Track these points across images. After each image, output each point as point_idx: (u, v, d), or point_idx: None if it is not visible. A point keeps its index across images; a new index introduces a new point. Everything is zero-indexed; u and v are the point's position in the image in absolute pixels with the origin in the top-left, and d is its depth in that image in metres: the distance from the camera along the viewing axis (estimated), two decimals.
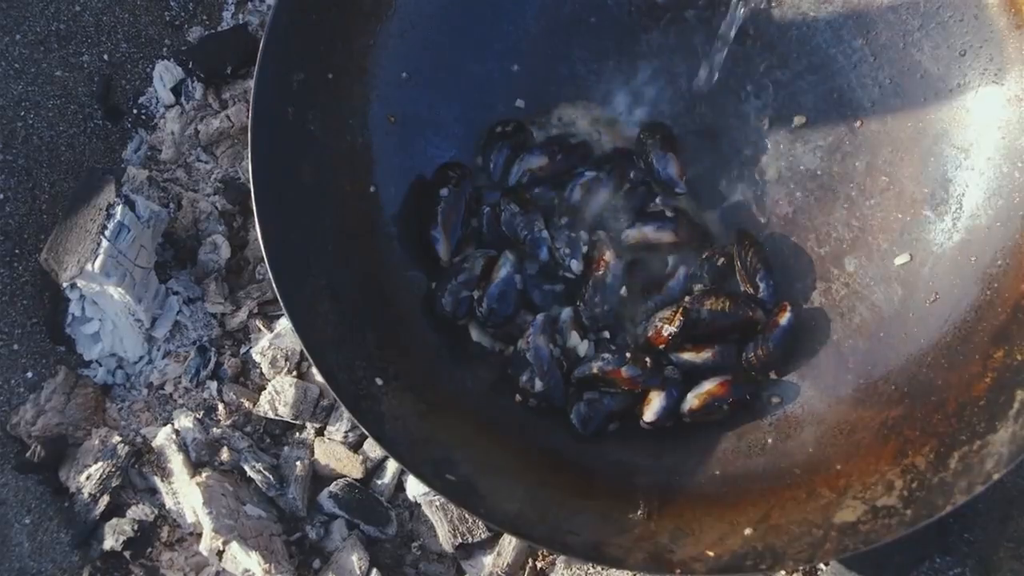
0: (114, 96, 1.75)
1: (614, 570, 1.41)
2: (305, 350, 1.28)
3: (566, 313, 1.46)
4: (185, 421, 1.52)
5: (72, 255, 1.52)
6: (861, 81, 1.49)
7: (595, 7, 1.56)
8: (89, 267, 1.49)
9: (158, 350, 1.60)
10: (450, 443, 1.33)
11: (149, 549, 1.48)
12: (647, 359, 1.41)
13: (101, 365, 1.60)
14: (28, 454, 1.51)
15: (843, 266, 1.47)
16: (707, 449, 1.40)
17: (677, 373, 1.44)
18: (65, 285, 1.52)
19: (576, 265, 1.46)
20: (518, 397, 1.43)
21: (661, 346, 1.43)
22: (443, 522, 1.45)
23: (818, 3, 1.49)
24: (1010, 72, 1.38)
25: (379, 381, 1.33)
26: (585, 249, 1.47)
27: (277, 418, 1.53)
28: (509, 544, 1.45)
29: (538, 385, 1.42)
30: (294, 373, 1.55)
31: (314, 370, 1.52)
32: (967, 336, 1.32)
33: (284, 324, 1.58)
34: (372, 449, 1.51)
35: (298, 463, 1.50)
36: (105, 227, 1.52)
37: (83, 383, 1.57)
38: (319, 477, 1.52)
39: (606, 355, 1.42)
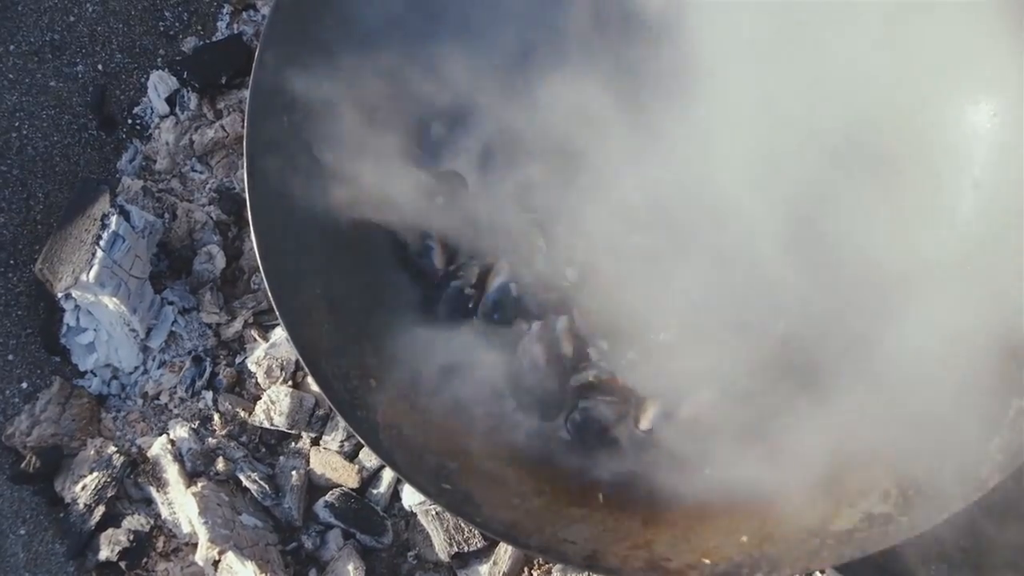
0: (109, 106, 1.75)
1: None
2: (300, 360, 1.27)
3: (562, 321, 1.46)
4: (180, 431, 1.52)
5: (67, 265, 1.51)
6: (851, 91, 1.48)
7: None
8: (84, 277, 1.49)
9: (153, 360, 1.60)
10: (446, 452, 1.33)
11: (144, 559, 1.48)
12: (643, 366, 1.41)
13: (96, 375, 1.59)
14: (23, 465, 1.51)
15: (839, 276, 1.47)
16: (703, 457, 1.40)
17: (674, 380, 1.44)
18: (60, 295, 1.52)
19: (572, 273, 1.46)
20: (514, 405, 1.43)
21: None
22: (439, 531, 1.45)
23: (807, 11, 1.49)
24: (1004, 81, 1.38)
25: (375, 390, 1.33)
26: (582, 257, 1.47)
27: (273, 428, 1.53)
28: (505, 553, 1.45)
29: (534, 393, 1.42)
30: (290, 383, 1.55)
31: (310, 380, 1.52)
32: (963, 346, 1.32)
33: (279, 334, 1.58)
34: (368, 459, 1.51)
35: (294, 473, 1.50)
36: (100, 237, 1.52)
37: (78, 393, 1.57)
38: (315, 487, 1.52)
39: (602, 363, 1.42)
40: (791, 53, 1.42)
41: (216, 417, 1.55)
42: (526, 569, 1.47)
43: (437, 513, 1.45)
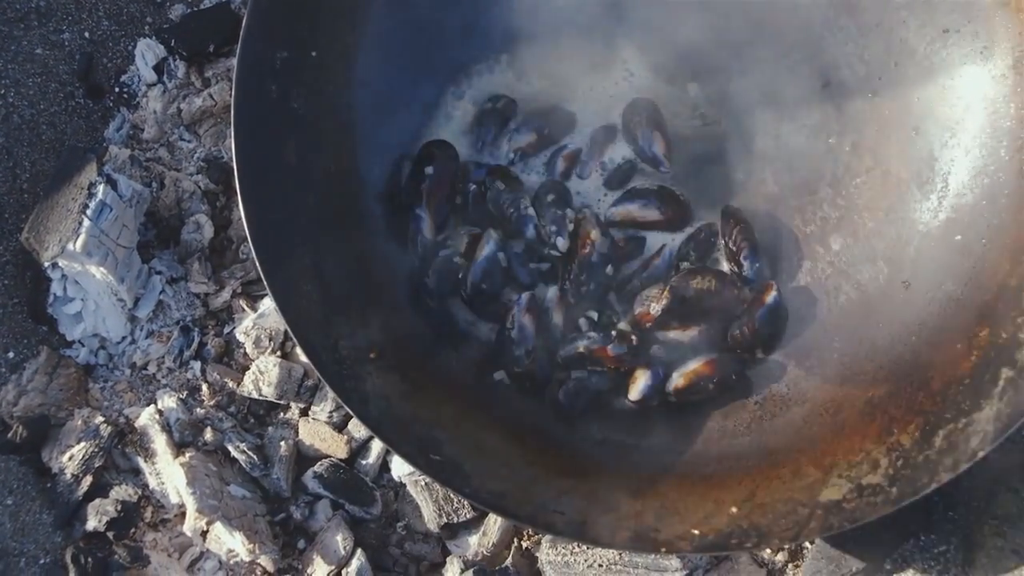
0: (96, 74, 1.74)
1: (600, 549, 1.41)
2: (289, 330, 1.27)
3: (552, 291, 1.45)
4: (168, 401, 1.52)
5: (53, 234, 1.50)
6: (847, 59, 1.48)
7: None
8: (71, 246, 1.48)
9: (141, 330, 1.59)
10: (435, 423, 1.32)
11: (133, 529, 1.47)
12: (633, 337, 1.41)
13: (84, 345, 1.58)
14: (10, 435, 1.50)
15: (829, 245, 1.47)
16: (693, 428, 1.40)
17: (663, 351, 1.44)
18: (47, 264, 1.51)
19: (562, 243, 1.46)
20: (503, 376, 1.43)
21: (647, 324, 1.42)
22: (428, 502, 1.45)
23: None
24: (995, 50, 1.37)
25: (363, 361, 1.33)
26: (571, 227, 1.46)
27: (261, 398, 1.52)
28: (494, 524, 1.45)
29: (523, 364, 1.41)
30: (278, 353, 1.55)
31: (298, 350, 1.51)
32: (952, 315, 1.32)
33: (268, 304, 1.57)
34: (357, 429, 1.51)
35: (282, 443, 1.49)
36: (87, 206, 1.50)
37: (65, 363, 1.56)
38: (303, 457, 1.52)
39: (592, 333, 1.42)
40: None
41: (204, 387, 1.54)
42: (515, 540, 1.47)
43: (426, 484, 1.45)
